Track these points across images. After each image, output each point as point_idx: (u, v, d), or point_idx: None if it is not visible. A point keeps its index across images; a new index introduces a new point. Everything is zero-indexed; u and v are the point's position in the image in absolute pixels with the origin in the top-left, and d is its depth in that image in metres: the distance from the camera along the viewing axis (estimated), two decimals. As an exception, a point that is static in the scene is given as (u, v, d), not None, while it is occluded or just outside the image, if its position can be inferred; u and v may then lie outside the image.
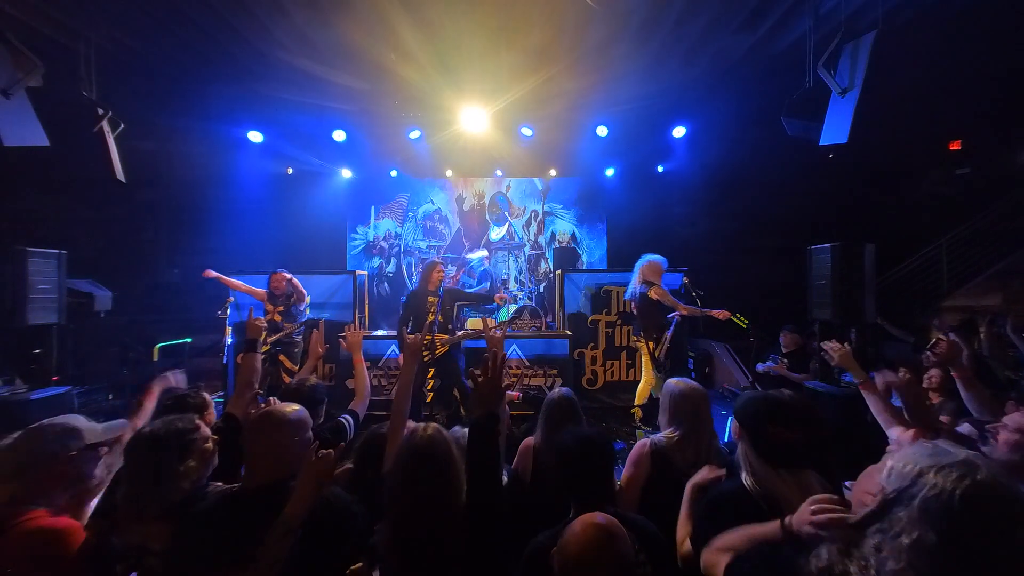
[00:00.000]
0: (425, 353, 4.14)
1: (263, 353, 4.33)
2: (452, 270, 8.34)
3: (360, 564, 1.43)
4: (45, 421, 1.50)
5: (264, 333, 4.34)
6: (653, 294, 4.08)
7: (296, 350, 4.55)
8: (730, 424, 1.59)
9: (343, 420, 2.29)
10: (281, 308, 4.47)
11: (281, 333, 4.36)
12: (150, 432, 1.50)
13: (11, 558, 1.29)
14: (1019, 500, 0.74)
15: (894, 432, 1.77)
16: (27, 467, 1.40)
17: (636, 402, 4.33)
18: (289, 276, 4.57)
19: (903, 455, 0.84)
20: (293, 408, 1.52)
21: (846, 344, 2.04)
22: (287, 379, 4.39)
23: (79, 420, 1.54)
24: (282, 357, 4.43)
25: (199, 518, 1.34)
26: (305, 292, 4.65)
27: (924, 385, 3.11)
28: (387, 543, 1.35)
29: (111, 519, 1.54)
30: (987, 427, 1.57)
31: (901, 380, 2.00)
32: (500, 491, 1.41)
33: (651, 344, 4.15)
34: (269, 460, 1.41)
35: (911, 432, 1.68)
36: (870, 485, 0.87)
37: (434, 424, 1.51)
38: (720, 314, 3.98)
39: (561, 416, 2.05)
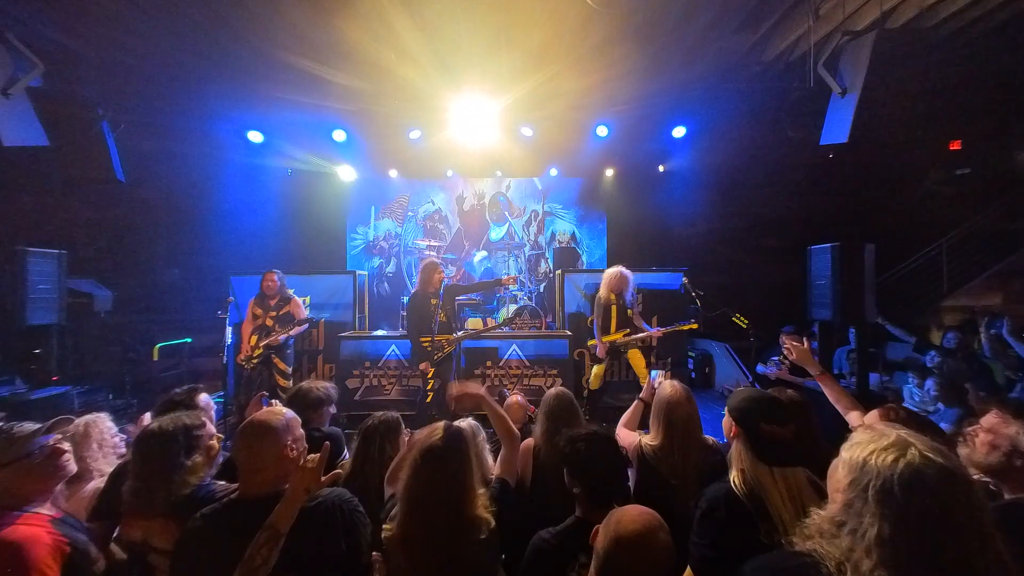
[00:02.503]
0: (437, 354, 4.16)
1: (256, 358, 4.33)
2: (452, 270, 8.34)
3: (377, 554, 1.43)
4: None
5: (259, 348, 4.33)
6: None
7: (289, 351, 4.54)
8: (724, 423, 1.58)
9: (336, 430, 2.31)
10: (274, 313, 4.43)
11: (271, 338, 4.34)
12: (159, 427, 1.51)
13: None
14: (948, 471, 0.78)
15: (853, 416, 1.81)
16: None
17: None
18: (292, 295, 4.62)
19: (851, 443, 0.88)
20: (278, 415, 1.44)
21: (805, 340, 2.10)
22: (281, 380, 4.40)
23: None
24: (275, 359, 4.41)
25: (200, 524, 1.33)
26: (303, 312, 4.62)
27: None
28: (397, 540, 1.36)
29: (113, 518, 1.55)
30: (966, 430, 1.59)
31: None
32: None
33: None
34: (257, 469, 1.36)
35: (874, 413, 1.71)
36: (834, 481, 0.90)
37: (454, 425, 1.51)
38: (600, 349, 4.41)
39: (560, 416, 2.05)
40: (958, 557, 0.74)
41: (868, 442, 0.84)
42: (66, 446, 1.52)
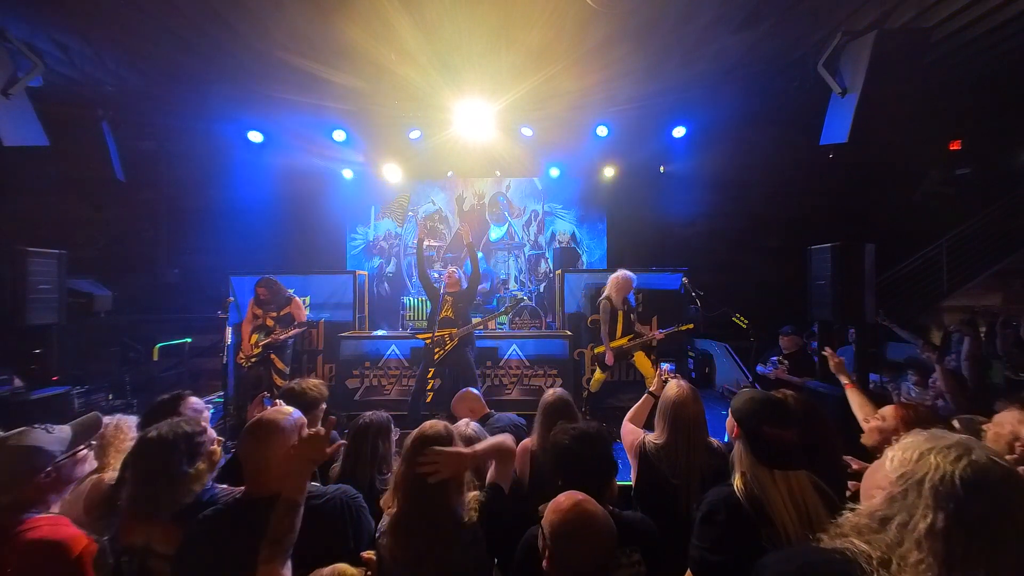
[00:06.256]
0: (437, 350, 4.16)
1: (255, 356, 4.32)
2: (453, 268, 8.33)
3: (371, 553, 1.43)
4: (8, 440, 1.42)
5: (257, 346, 4.33)
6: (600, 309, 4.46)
7: (288, 351, 4.54)
8: (727, 423, 1.58)
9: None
10: (274, 314, 4.42)
11: (271, 337, 4.33)
12: (158, 435, 1.48)
13: (16, 568, 1.27)
14: (1013, 475, 0.78)
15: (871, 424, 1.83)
16: (7, 484, 1.38)
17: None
18: (292, 295, 4.62)
19: (903, 444, 0.87)
20: (285, 414, 1.45)
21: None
22: (279, 380, 4.38)
23: (38, 437, 1.43)
24: (273, 357, 4.41)
25: (203, 526, 1.32)
26: (304, 314, 4.63)
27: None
28: (389, 531, 1.38)
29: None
30: (980, 426, 1.59)
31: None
32: None
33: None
34: (264, 469, 1.36)
35: (889, 409, 1.74)
36: (878, 479, 0.89)
37: (443, 422, 1.53)
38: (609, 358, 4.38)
39: (557, 417, 2.04)
40: (1016, 560, 0.73)
41: (925, 441, 0.83)
42: (84, 452, 1.53)
